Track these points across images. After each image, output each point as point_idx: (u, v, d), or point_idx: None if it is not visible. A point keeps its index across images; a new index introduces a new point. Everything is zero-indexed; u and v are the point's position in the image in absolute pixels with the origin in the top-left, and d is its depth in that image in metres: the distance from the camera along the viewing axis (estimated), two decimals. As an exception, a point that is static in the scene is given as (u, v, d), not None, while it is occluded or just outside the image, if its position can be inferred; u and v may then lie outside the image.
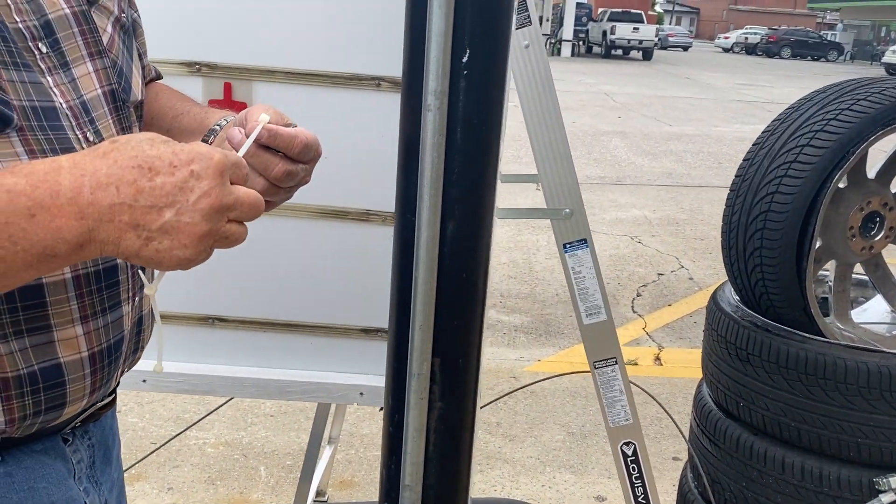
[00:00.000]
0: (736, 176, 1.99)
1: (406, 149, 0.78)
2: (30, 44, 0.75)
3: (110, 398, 0.92)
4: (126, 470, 2.61)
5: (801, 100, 1.96)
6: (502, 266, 5.11)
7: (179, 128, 0.97)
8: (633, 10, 29.82)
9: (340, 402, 1.78)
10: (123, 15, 0.90)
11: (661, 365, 3.76)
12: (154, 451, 2.71)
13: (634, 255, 5.49)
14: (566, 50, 27.70)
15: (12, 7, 0.75)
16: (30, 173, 0.63)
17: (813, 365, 1.80)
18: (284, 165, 0.82)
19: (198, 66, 1.41)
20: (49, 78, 0.77)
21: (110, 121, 0.84)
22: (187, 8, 1.38)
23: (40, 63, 0.76)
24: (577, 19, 28.94)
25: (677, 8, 70.23)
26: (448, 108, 0.75)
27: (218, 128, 0.91)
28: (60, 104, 0.77)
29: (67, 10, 0.81)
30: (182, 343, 1.57)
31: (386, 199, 1.42)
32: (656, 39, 29.83)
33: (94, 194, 0.63)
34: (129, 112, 0.89)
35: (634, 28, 28.25)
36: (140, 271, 0.84)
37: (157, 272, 0.75)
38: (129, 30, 0.92)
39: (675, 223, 6.33)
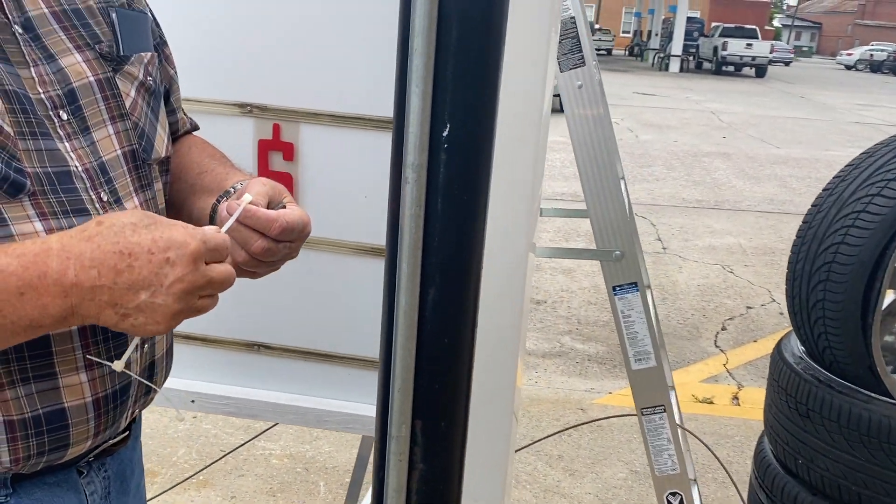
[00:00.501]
0: (803, 222, 1.90)
1: (392, 217, 0.80)
2: (51, 112, 0.82)
3: (124, 435, 0.98)
4: (194, 475, 2.74)
5: (876, 145, 1.85)
6: (583, 291, 5.05)
7: (201, 185, 1.02)
8: (747, 26, 28.77)
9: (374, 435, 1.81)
10: (150, 78, 0.96)
11: (739, 405, 3.60)
12: (221, 457, 2.83)
13: (724, 285, 5.29)
14: (674, 65, 27.05)
15: (37, 79, 0.81)
16: (21, 255, 0.70)
17: (876, 427, 1.70)
18: (263, 243, 0.86)
19: (249, 108, 1.47)
20: (67, 143, 0.83)
21: (128, 179, 0.90)
22: (241, 53, 1.45)
23: (59, 130, 0.82)
24: (688, 34, 28.19)
25: (797, 23, 67.28)
26: (427, 181, 0.76)
27: (232, 190, 0.96)
28: (76, 167, 0.83)
29: (92, 78, 0.87)
30: (228, 367, 1.64)
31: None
32: (771, 56, 28.62)
33: (78, 276, 0.70)
34: (149, 170, 0.95)
35: (748, 44, 27.24)
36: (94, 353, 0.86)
37: (130, 345, 0.81)
38: (156, 91, 0.98)
39: (771, 253, 6.06)
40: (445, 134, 0.76)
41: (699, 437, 3.17)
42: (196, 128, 1.16)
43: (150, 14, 1.02)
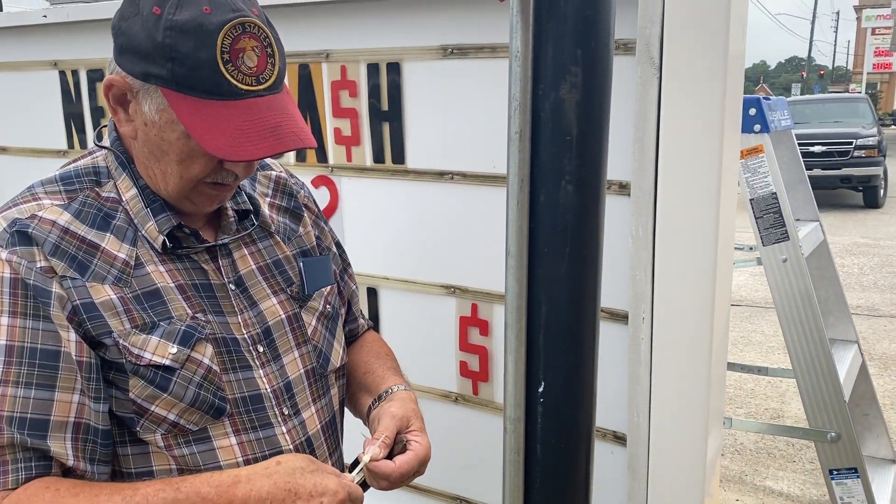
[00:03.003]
0: None
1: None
2: (251, 347, 1.06)
3: None
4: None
5: None
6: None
7: (364, 384, 1.22)
8: None
9: None
10: (329, 306, 1.18)
11: None
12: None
13: None
14: None
15: (241, 324, 1.06)
16: (218, 485, 0.92)
17: None
18: (386, 484, 1.04)
19: (453, 289, 1.68)
20: (261, 370, 1.06)
21: (307, 392, 1.12)
22: (447, 244, 1.68)
23: (256, 360, 1.06)
24: None
25: None
26: (526, 430, 0.87)
27: (384, 394, 1.15)
28: (265, 390, 1.06)
29: (283, 316, 1.11)
30: (436, 515, 1.82)
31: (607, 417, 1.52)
32: None
33: None
34: (325, 380, 1.16)
35: None
36: None
37: None
38: (334, 315, 1.19)
39: None
40: (541, 390, 0.86)
41: None
42: (371, 326, 1.37)
43: (334, 249, 1.25)
